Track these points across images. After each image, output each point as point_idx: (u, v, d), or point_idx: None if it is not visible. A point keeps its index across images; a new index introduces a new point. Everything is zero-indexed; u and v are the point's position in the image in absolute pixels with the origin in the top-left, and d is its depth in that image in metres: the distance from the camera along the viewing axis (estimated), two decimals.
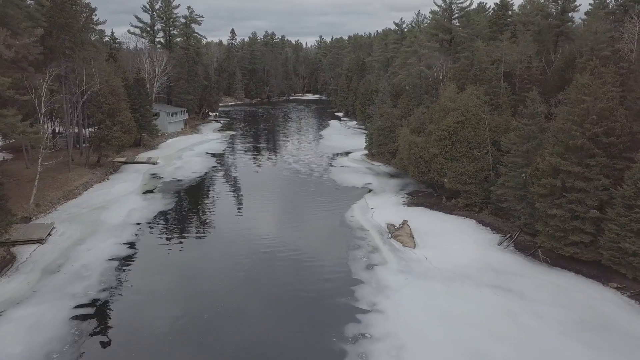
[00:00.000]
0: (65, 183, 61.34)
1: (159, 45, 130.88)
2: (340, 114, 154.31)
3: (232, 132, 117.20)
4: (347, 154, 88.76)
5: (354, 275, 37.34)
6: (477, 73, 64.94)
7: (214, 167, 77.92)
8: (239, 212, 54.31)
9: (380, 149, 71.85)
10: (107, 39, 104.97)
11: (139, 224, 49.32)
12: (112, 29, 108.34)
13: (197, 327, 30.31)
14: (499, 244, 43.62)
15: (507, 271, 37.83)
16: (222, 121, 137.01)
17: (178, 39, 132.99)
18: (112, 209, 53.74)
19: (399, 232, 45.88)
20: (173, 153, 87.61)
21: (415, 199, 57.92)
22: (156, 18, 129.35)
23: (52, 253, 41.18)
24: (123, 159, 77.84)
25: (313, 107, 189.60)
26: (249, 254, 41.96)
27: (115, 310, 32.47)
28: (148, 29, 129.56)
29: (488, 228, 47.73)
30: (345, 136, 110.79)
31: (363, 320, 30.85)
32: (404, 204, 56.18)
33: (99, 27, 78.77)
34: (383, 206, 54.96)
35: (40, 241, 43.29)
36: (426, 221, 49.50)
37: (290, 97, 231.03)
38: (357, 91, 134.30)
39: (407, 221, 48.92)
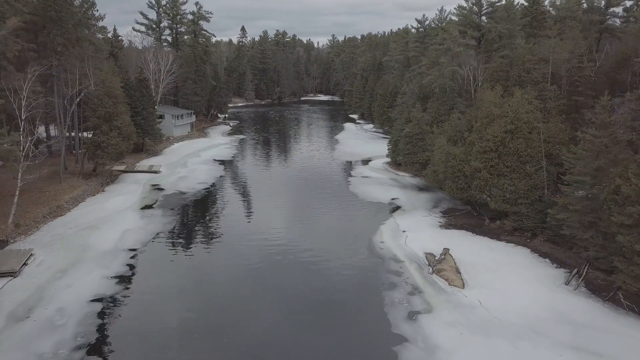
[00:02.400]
0: (53, 196, 54.33)
1: (165, 44, 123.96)
2: (355, 116, 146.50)
3: (241, 136, 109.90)
4: (366, 161, 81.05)
5: (394, 329, 29.67)
6: (521, 74, 57.01)
7: (221, 176, 70.50)
8: (249, 238, 46.41)
9: (408, 158, 64.01)
10: (109, 34, 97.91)
11: (132, 249, 42.02)
12: (115, 26, 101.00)
13: None
14: (567, 283, 35.72)
15: (588, 324, 29.97)
16: (231, 124, 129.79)
17: (185, 37, 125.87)
18: (103, 230, 46.55)
19: (442, 266, 38.14)
20: (178, 160, 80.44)
21: (452, 220, 50.07)
22: (162, 15, 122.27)
23: (24, 290, 33.99)
24: (122, 167, 70.79)
25: (326, 108, 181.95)
26: (262, 294, 34.51)
27: None
28: (154, 26, 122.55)
29: (547, 260, 39.83)
30: (362, 141, 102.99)
31: None
32: (440, 226, 48.39)
33: (96, 23, 71.61)
34: (417, 228, 47.25)
35: (12, 274, 36.11)
36: (471, 249, 41.69)
37: (302, 98, 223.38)
38: (374, 92, 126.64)
39: (448, 250, 41.17)
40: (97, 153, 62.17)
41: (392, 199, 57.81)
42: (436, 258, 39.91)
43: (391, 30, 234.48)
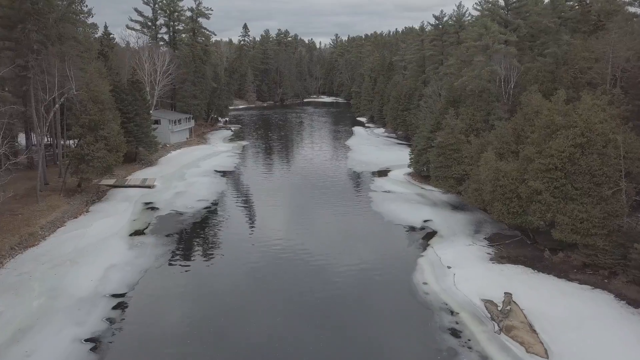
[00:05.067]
0: (27, 220, 46.04)
1: (161, 43, 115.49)
2: (363, 119, 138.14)
3: (244, 142, 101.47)
4: (385, 172, 72.71)
5: None
6: (577, 75, 48.82)
7: (223, 192, 61.96)
8: (260, 277, 38.16)
9: (440, 172, 55.60)
10: (100, 32, 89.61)
11: (116, 295, 33.67)
12: (105, 23, 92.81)
13: None
14: None
15: None
16: (232, 128, 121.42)
17: (183, 35, 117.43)
18: (82, 265, 38.23)
19: (510, 321, 29.79)
20: (175, 171, 72.00)
21: (503, 250, 41.69)
22: (158, 11, 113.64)
23: None
24: (112, 181, 62.34)
25: (331, 110, 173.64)
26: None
27: None
28: (149, 23, 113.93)
29: None
30: (376, 147, 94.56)
31: None
32: (491, 259, 39.95)
33: (82, 18, 63.35)
34: (464, 263, 38.85)
35: None
36: (539, 295, 33.32)
37: (305, 100, 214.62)
38: (385, 94, 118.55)
39: (511, 295, 32.87)
40: (80, 167, 53.87)
41: (425, 221, 49.42)
42: (499, 308, 31.60)
43: (396, 29, 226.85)
